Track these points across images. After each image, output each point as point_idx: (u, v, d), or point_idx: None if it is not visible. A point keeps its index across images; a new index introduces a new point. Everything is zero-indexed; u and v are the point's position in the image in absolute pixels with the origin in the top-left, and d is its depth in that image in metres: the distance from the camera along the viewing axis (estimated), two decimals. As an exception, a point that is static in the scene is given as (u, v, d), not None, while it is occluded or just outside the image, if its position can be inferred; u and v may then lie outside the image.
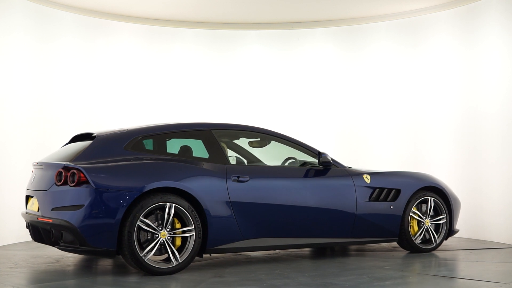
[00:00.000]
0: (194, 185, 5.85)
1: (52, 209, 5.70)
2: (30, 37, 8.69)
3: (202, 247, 5.93)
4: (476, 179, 8.62)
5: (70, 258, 6.85)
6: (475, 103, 8.74)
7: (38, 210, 5.93)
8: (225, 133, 6.76)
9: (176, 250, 5.74)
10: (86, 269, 6.22)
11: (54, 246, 5.81)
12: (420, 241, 7.12)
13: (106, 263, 6.54)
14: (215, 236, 5.93)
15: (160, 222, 5.70)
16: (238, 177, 6.15)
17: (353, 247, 7.66)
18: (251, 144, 7.04)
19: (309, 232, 6.52)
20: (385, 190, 6.92)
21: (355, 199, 6.71)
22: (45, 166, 6.04)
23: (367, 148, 9.94)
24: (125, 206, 5.53)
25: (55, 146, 8.24)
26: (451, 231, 7.35)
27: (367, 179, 6.85)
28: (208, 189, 5.92)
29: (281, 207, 6.33)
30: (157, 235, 5.65)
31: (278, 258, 6.84)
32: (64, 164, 5.73)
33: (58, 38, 9.12)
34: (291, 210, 6.38)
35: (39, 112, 8.78)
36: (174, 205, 5.70)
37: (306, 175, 6.61)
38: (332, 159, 6.77)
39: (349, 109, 10.09)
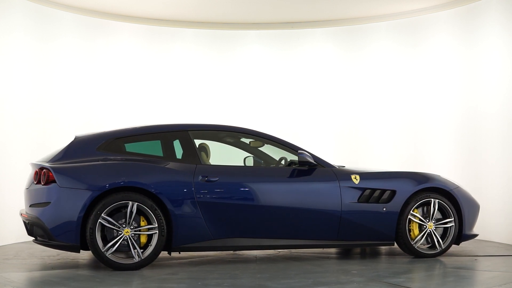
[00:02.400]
0: (157, 184, 5.99)
1: (30, 206, 6.13)
2: (30, 37, 8.69)
3: (169, 245, 6.07)
4: (476, 179, 8.61)
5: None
6: (475, 103, 8.74)
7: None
8: (202, 133, 6.79)
9: (142, 247, 5.94)
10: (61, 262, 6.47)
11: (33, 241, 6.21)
12: (423, 245, 6.74)
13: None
14: (181, 234, 6.05)
15: (125, 219, 5.92)
16: (206, 177, 6.19)
17: (383, 248, 7.46)
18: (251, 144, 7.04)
19: (288, 233, 6.39)
20: (377, 191, 6.58)
21: (340, 200, 6.46)
22: (31, 166, 6.40)
23: (367, 148, 9.94)
24: (86, 204, 5.81)
25: (55, 146, 8.20)
26: (463, 236, 6.84)
27: (356, 179, 6.57)
28: (172, 188, 6.05)
29: (253, 208, 6.26)
30: (120, 232, 5.87)
31: (265, 259, 6.77)
32: (40, 164, 6.13)
33: (58, 38, 9.13)
34: (264, 211, 6.28)
35: (39, 112, 8.79)
36: (136, 203, 5.89)
37: (284, 175, 6.48)
38: (315, 158, 6.57)
39: (349, 109, 10.09)
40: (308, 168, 6.53)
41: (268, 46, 10.35)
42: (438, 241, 6.71)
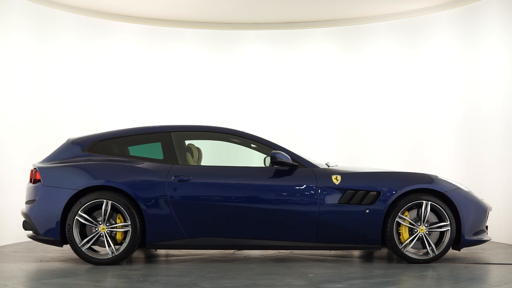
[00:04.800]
0: (131, 184, 6.26)
1: (25, 203, 6.59)
2: (30, 37, 8.69)
3: (144, 242, 6.32)
4: (476, 178, 8.61)
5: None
6: (475, 103, 8.74)
7: None
8: (184, 134, 6.86)
9: (119, 243, 6.26)
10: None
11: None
12: (418, 250, 6.40)
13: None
14: (154, 232, 6.26)
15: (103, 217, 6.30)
16: (179, 177, 6.32)
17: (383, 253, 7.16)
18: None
19: (262, 234, 6.32)
20: (360, 192, 6.31)
21: (318, 201, 6.27)
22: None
23: (367, 148, 9.94)
24: (64, 202, 6.24)
25: (55, 146, 8.24)
26: (463, 241, 6.37)
27: (336, 180, 6.33)
28: (145, 188, 6.28)
29: (225, 207, 6.28)
30: (97, 229, 6.21)
31: (252, 259, 6.76)
32: (35, 164, 6.61)
33: (58, 38, 9.13)
34: (237, 211, 6.28)
35: (39, 112, 8.79)
36: (110, 202, 6.21)
37: (260, 175, 6.42)
38: (295, 158, 6.44)
39: (349, 109, 10.09)
40: (289, 168, 6.42)
41: (268, 46, 10.35)
42: (430, 246, 6.30)
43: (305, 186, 6.34)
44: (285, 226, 6.31)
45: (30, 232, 6.53)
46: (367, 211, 6.30)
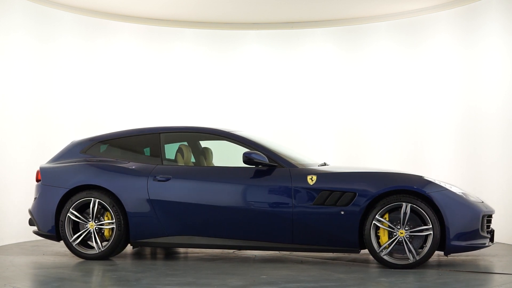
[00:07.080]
0: (115, 184, 6.57)
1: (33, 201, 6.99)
2: (30, 37, 8.69)
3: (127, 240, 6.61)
4: (476, 178, 8.61)
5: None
6: (475, 103, 8.74)
7: None
8: (174, 135, 7.03)
9: (107, 240, 6.58)
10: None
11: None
12: (398, 254, 6.05)
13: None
14: (135, 230, 6.53)
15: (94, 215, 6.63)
16: (159, 176, 6.54)
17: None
18: None
19: (238, 234, 6.36)
20: (335, 193, 6.13)
21: (291, 201, 6.19)
22: None
23: (367, 148, 9.93)
24: (58, 199, 6.65)
25: (55, 145, 8.26)
26: (448, 246, 6.00)
27: (311, 180, 6.19)
28: (127, 187, 6.56)
29: (202, 207, 6.41)
30: (86, 226, 6.58)
31: (232, 259, 6.78)
32: (40, 165, 7.05)
33: (58, 38, 9.13)
34: (213, 210, 6.38)
35: (39, 112, 8.79)
36: (98, 200, 6.55)
37: (239, 175, 6.43)
38: (274, 158, 6.38)
39: (349, 109, 10.09)
40: (267, 168, 6.38)
41: (268, 46, 10.35)
42: (410, 251, 5.96)
43: (280, 186, 6.30)
44: (260, 227, 6.32)
45: (35, 228, 6.90)
46: (342, 212, 6.12)
